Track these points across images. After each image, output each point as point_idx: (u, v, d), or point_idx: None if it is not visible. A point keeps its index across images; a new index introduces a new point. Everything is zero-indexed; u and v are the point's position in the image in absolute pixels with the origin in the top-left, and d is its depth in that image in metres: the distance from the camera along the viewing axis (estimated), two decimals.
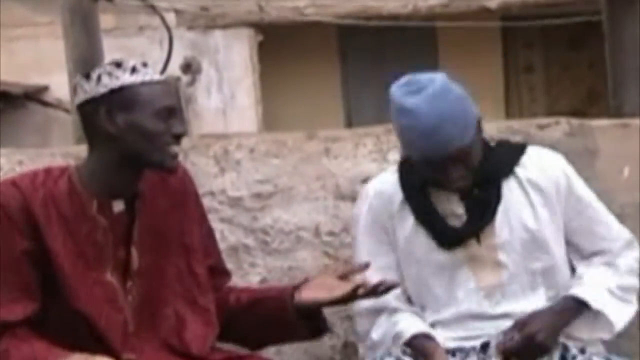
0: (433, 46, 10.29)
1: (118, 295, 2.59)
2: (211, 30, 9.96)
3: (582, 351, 2.70)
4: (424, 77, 2.66)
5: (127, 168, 2.59)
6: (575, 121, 3.18)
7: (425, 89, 2.61)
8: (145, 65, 2.57)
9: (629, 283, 2.80)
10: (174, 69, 9.15)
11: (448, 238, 2.73)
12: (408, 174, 2.78)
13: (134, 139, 2.53)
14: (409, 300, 2.82)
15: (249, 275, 3.15)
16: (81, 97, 2.55)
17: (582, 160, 3.08)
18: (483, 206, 2.73)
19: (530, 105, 10.96)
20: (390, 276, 2.70)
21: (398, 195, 2.79)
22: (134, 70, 2.54)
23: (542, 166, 2.79)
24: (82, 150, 3.29)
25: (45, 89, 9.73)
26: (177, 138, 2.57)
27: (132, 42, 9.73)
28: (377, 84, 10.49)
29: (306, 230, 3.18)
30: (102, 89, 2.53)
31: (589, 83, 10.72)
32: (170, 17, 9.16)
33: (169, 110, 2.56)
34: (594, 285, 2.75)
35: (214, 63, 9.98)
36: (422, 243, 2.75)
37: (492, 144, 2.82)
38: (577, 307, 2.72)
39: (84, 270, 2.55)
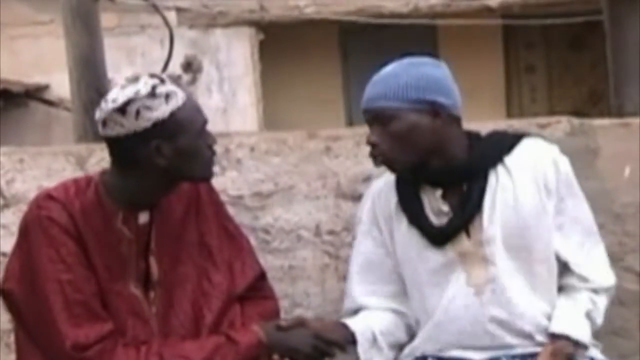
0: (434, 45, 10.26)
1: (143, 307, 2.59)
2: (212, 29, 9.96)
3: None
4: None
5: (165, 185, 2.60)
6: (576, 120, 3.17)
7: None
8: (162, 81, 2.54)
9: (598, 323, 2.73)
10: (175, 67, 9.14)
11: (436, 235, 2.69)
12: (404, 175, 2.74)
13: (181, 163, 2.54)
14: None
15: None
16: (118, 131, 2.51)
17: (583, 159, 3.08)
18: (465, 200, 2.67)
19: (531, 105, 10.93)
20: (382, 282, 2.78)
21: (395, 196, 2.77)
22: (167, 97, 2.52)
23: (533, 156, 2.70)
24: (83, 149, 3.29)
25: (46, 87, 9.73)
26: (211, 147, 2.61)
27: (133, 41, 9.73)
28: None
29: (307, 229, 3.18)
30: (143, 124, 2.49)
31: (590, 83, 10.69)
32: (171, 16, 9.16)
33: (204, 124, 2.59)
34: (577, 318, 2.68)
35: (214, 62, 9.98)
36: (415, 243, 2.72)
37: (483, 134, 2.76)
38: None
39: (109, 283, 2.55)
